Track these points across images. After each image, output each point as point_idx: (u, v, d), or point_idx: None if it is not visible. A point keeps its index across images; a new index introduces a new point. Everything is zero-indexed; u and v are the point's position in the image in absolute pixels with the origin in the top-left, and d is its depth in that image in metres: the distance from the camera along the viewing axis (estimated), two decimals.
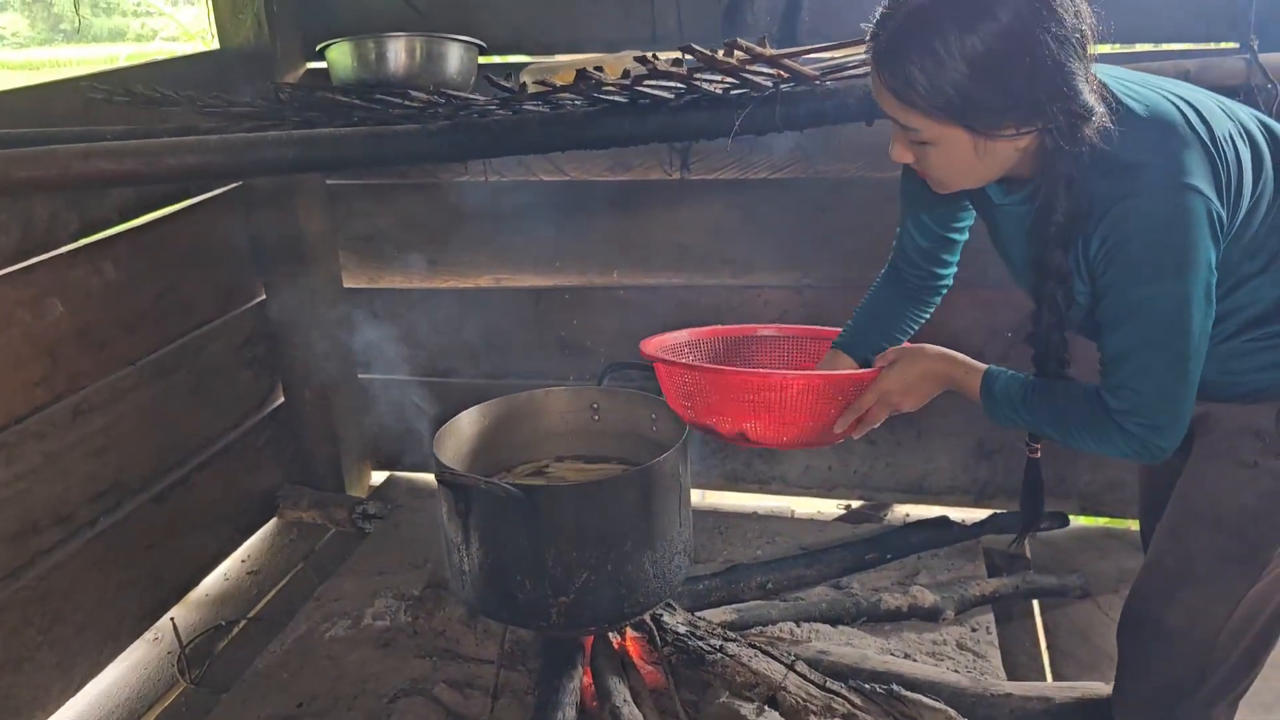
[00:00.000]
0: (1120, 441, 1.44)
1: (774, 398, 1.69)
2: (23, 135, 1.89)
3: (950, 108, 1.32)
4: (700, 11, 2.55)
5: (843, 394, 1.71)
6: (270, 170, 1.74)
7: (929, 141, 1.38)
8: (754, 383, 1.71)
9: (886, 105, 1.38)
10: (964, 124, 1.34)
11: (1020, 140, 1.37)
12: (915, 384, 1.66)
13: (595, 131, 1.81)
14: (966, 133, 1.35)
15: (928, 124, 1.35)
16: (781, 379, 1.71)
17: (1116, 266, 1.37)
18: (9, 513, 2.24)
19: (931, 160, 1.42)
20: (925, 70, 1.30)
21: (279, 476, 3.22)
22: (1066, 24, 1.29)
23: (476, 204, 3.05)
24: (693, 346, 2.05)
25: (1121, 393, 1.42)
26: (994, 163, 1.41)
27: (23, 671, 2.27)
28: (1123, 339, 1.40)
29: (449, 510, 1.96)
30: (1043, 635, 2.53)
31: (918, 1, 1.31)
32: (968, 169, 1.42)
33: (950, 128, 1.35)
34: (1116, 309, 1.39)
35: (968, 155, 1.38)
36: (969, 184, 1.48)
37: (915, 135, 1.39)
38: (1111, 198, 1.35)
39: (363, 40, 2.09)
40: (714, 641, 2.11)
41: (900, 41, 1.31)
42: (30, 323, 2.27)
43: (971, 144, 1.37)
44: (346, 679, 2.29)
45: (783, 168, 2.84)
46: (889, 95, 1.36)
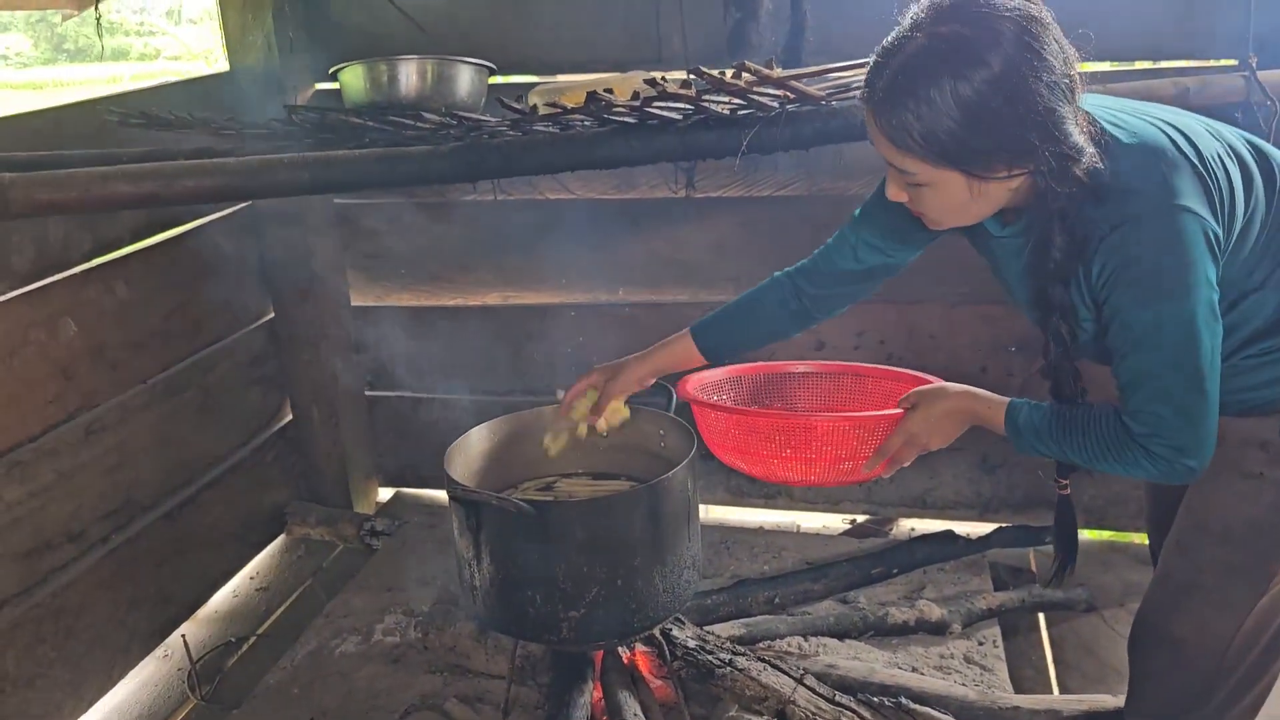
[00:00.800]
0: (1148, 464, 1.45)
1: (801, 439, 1.74)
2: (41, 158, 1.92)
3: (945, 153, 1.35)
4: (705, 32, 2.58)
5: (868, 435, 1.75)
6: (285, 191, 1.76)
7: (924, 183, 1.41)
8: (783, 425, 1.78)
9: (882, 150, 1.41)
10: (958, 168, 1.37)
11: (1013, 181, 1.40)
12: (940, 424, 1.69)
13: (604, 152, 1.83)
14: (961, 175, 1.38)
15: (923, 168, 1.38)
16: (807, 421, 1.78)
17: (1119, 292, 1.39)
18: (23, 530, 2.26)
19: (926, 201, 1.46)
20: (920, 117, 1.33)
21: (287, 493, 3.23)
22: (1056, 70, 1.32)
23: (484, 223, 3.08)
24: (731, 383, 2.11)
25: (1141, 416, 1.43)
26: (987, 202, 1.44)
27: (35, 688, 2.29)
28: (1135, 364, 1.42)
29: (460, 526, 1.97)
30: (1049, 648, 2.54)
31: (911, 50, 1.34)
32: (961, 209, 1.45)
33: (945, 171, 1.38)
34: (1124, 334, 1.41)
35: (962, 196, 1.41)
36: (963, 222, 1.51)
37: (911, 178, 1.42)
38: (1106, 224, 1.38)
39: (375, 63, 2.12)
40: (723, 656, 2.12)
41: (895, 89, 1.35)
42: (45, 342, 2.30)
43: (966, 185, 1.40)
44: (357, 695, 2.31)
45: (787, 185, 2.87)
46: (885, 141, 1.39)
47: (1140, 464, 1.46)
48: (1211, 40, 2.49)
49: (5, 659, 2.21)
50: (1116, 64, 2.62)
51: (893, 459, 1.74)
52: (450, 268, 3.17)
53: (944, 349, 2.94)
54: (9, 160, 1.90)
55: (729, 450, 1.88)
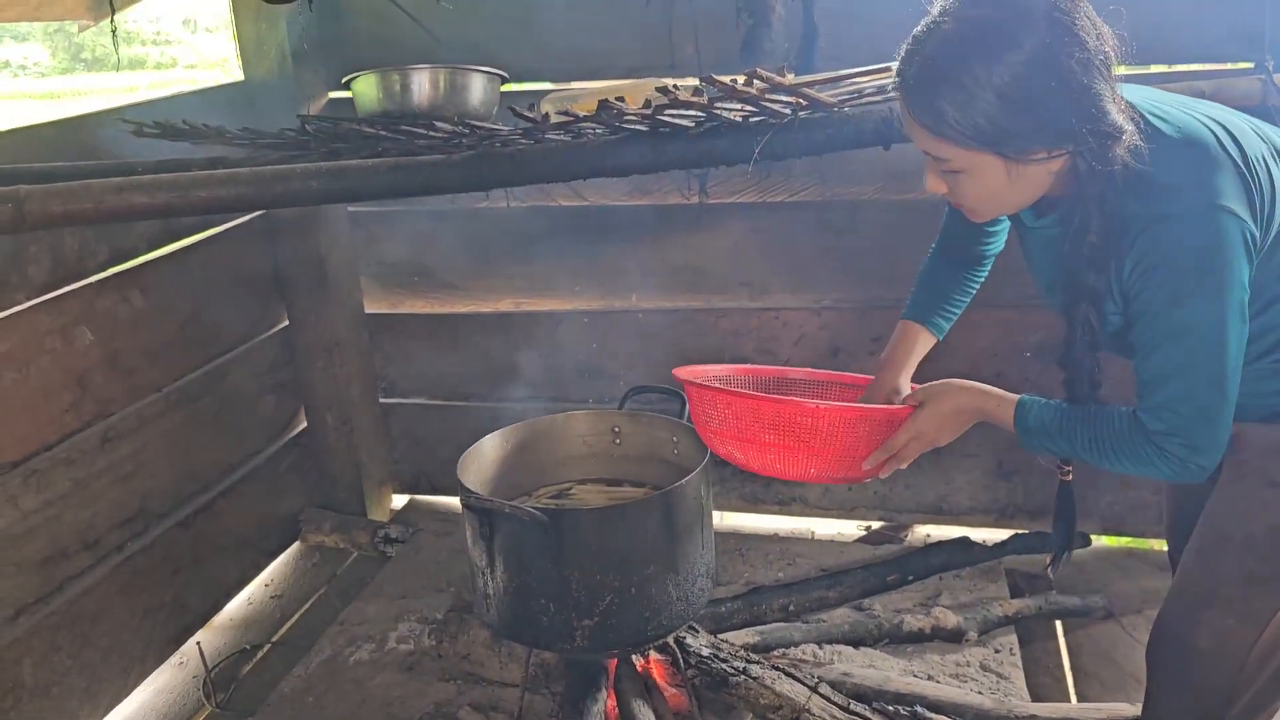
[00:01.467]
0: (1160, 463, 1.44)
1: (805, 427, 1.69)
2: (57, 169, 1.93)
3: (981, 136, 1.34)
4: (718, 39, 2.58)
5: (875, 429, 1.71)
6: (299, 201, 1.77)
7: (961, 170, 1.41)
8: (786, 411, 1.71)
9: (918, 138, 1.41)
10: (996, 151, 1.36)
11: (1052, 163, 1.39)
12: (948, 420, 1.67)
13: (617, 160, 1.83)
14: (999, 159, 1.37)
15: (960, 153, 1.38)
16: (814, 408, 1.71)
17: (1151, 289, 1.38)
18: (39, 539, 2.27)
19: (964, 189, 1.45)
20: (955, 102, 1.32)
21: (302, 501, 3.24)
22: (1089, 47, 1.31)
23: (497, 230, 3.09)
24: (725, 382, 2.06)
25: (1161, 414, 1.42)
26: (1027, 187, 1.43)
27: (51, 696, 2.30)
28: (1161, 361, 1.41)
29: (473, 534, 1.97)
30: (1066, 656, 2.52)
31: (942, 36, 1.33)
32: (1001, 195, 1.44)
33: (982, 155, 1.37)
34: (1153, 331, 1.40)
35: (1001, 181, 1.40)
36: (1003, 211, 1.51)
37: (947, 165, 1.41)
38: (1144, 220, 1.36)
39: (388, 72, 2.12)
40: (737, 664, 2.11)
41: (928, 76, 1.34)
42: (61, 351, 2.31)
43: (1004, 170, 1.38)
44: (371, 703, 2.31)
45: (800, 191, 2.87)
46: (920, 129, 1.38)
47: (1152, 462, 1.45)
48: (1227, 43, 2.47)
49: (21, 667, 2.22)
50: (1131, 68, 2.60)
51: (897, 456, 1.71)
52: (463, 275, 3.18)
53: (959, 354, 2.91)
54: (25, 171, 1.92)
55: (726, 438, 1.81)
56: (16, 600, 2.22)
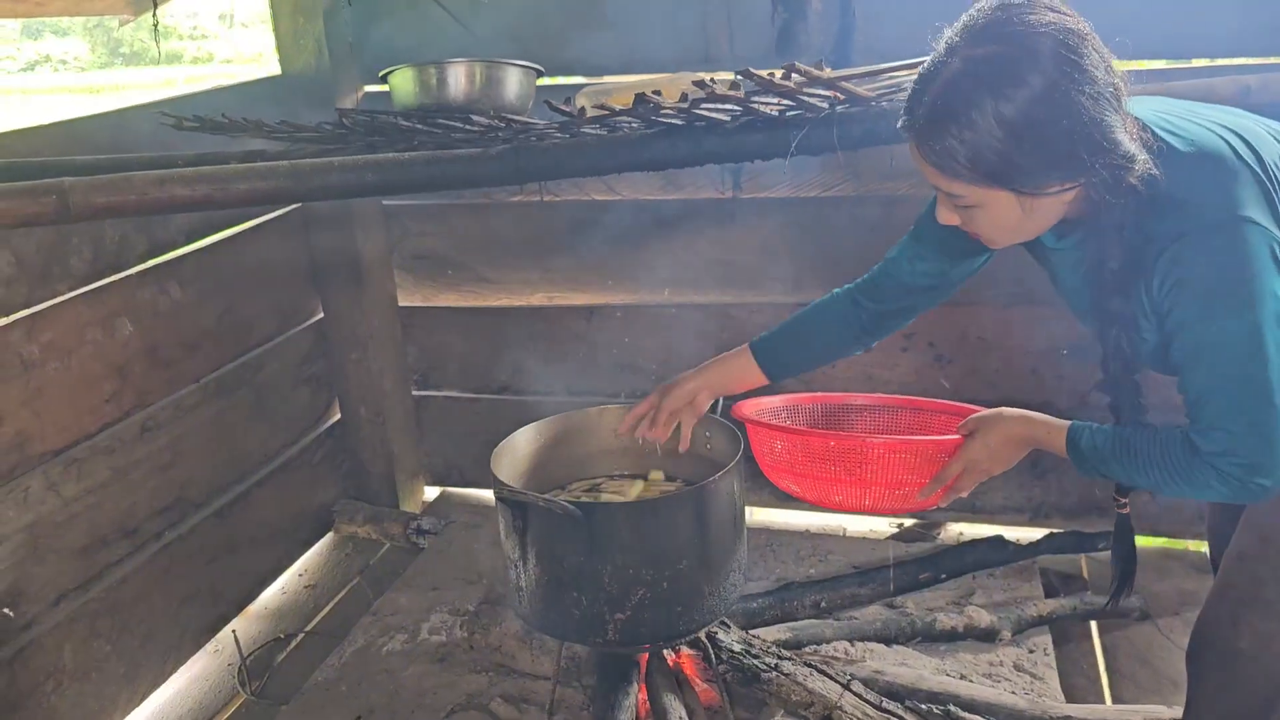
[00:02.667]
0: (1218, 484, 1.41)
1: (854, 460, 1.74)
2: (100, 162, 1.96)
3: (992, 174, 1.33)
4: (753, 33, 2.57)
5: (925, 460, 1.73)
6: (337, 194, 1.78)
7: (975, 205, 1.39)
8: (835, 444, 1.77)
9: (929, 176, 1.40)
10: (1008, 187, 1.35)
11: (1066, 195, 1.37)
12: (1000, 450, 1.67)
13: (652, 153, 1.82)
14: (1012, 195, 1.36)
15: (971, 190, 1.37)
16: (860, 441, 1.77)
17: (1182, 306, 1.36)
18: (80, 526, 2.30)
19: (979, 222, 1.43)
20: (964, 141, 1.31)
21: (335, 492, 3.27)
22: (1099, 80, 1.29)
23: (530, 223, 3.09)
24: (790, 410, 2.13)
25: (1212, 434, 1.39)
26: (1042, 218, 1.42)
27: (91, 681, 2.33)
28: (1202, 379, 1.39)
29: (506, 527, 1.98)
30: (1101, 657, 2.50)
31: (949, 75, 1.32)
32: (1016, 227, 1.43)
33: (995, 191, 1.36)
34: (1190, 349, 1.38)
35: (1014, 215, 1.39)
36: (1019, 240, 1.49)
37: (960, 200, 1.40)
38: (1167, 236, 1.35)
39: (424, 66, 2.13)
40: (769, 660, 2.11)
41: (936, 116, 1.33)
42: (101, 341, 2.34)
43: (1017, 204, 1.37)
44: (404, 693, 2.33)
45: (834, 186, 2.85)
46: (930, 168, 1.38)
47: (1211, 485, 1.42)
48: (1274, 37, 2.43)
49: (63, 652, 2.25)
50: (1173, 62, 2.57)
51: (951, 486, 1.72)
52: (496, 268, 3.19)
53: (995, 351, 2.90)
54: (69, 164, 1.95)
55: (783, 472, 1.89)
56: (58, 586, 2.25)
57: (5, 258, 2.11)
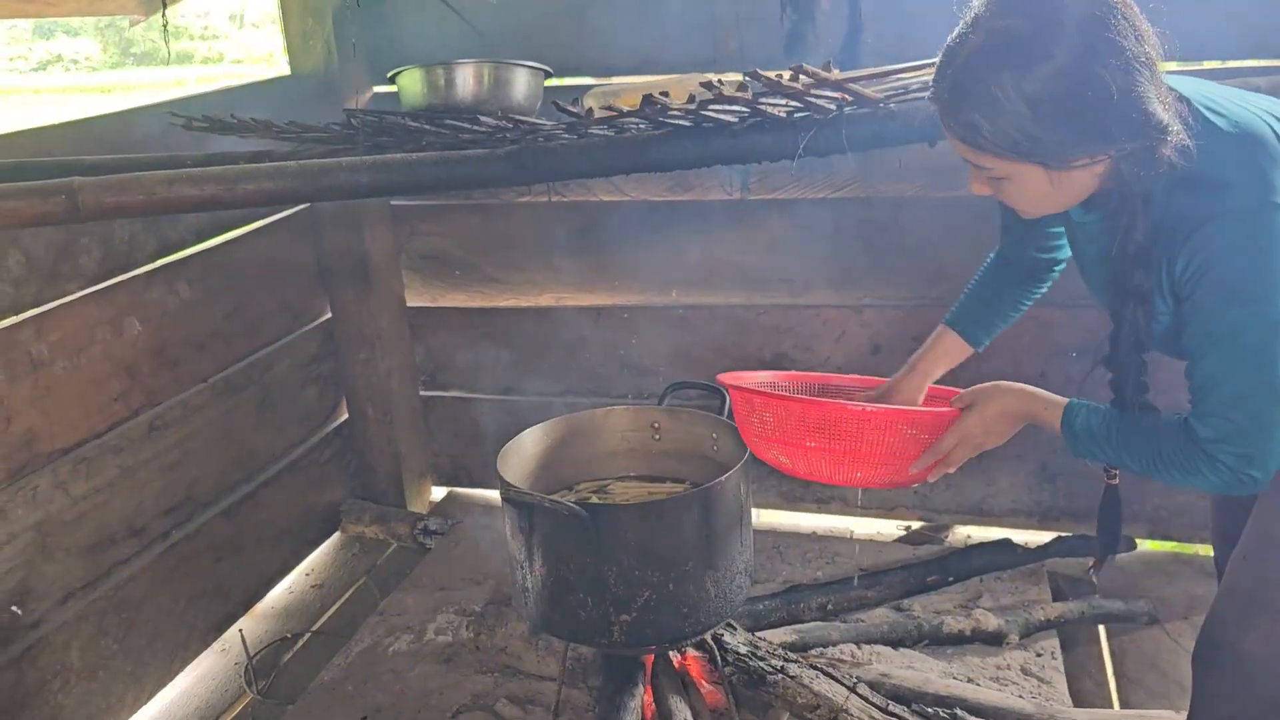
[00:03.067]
0: (1209, 472, 1.41)
1: (850, 431, 1.68)
2: (108, 161, 1.96)
3: (1018, 148, 1.33)
4: (762, 33, 2.57)
5: (921, 432, 1.70)
6: (344, 195, 1.78)
7: (1004, 178, 1.40)
8: (831, 414, 1.70)
9: (956, 148, 1.40)
10: (1034, 160, 1.35)
11: (1096, 166, 1.37)
12: (995, 423, 1.66)
13: (660, 155, 1.82)
14: (1039, 167, 1.36)
15: (998, 163, 1.37)
16: (860, 411, 1.70)
17: (1204, 289, 1.35)
18: (88, 525, 2.31)
19: (1010, 193, 1.44)
20: (988, 116, 1.31)
21: (342, 492, 3.28)
22: (1128, 51, 1.28)
23: (537, 224, 3.10)
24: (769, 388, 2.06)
25: (1213, 420, 1.39)
26: (1073, 189, 1.41)
27: (97, 680, 2.34)
28: (1212, 365, 1.38)
29: (512, 528, 1.98)
30: (1109, 661, 2.49)
31: (972, 48, 1.32)
32: (1047, 199, 1.43)
33: (1022, 164, 1.36)
34: (1205, 334, 1.38)
35: (1044, 187, 1.39)
36: (1052, 210, 1.48)
37: (989, 173, 1.40)
38: (1197, 218, 1.34)
39: (433, 67, 2.13)
40: (775, 662, 2.10)
41: (960, 90, 1.33)
42: (110, 341, 2.35)
43: (1046, 177, 1.37)
44: (410, 693, 2.33)
45: (843, 187, 2.84)
46: (956, 140, 1.38)
47: (1201, 472, 1.42)
48: None
49: (70, 650, 2.26)
50: (1185, 64, 2.56)
51: (945, 459, 1.71)
52: (504, 269, 3.19)
53: (1003, 352, 2.86)
54: (78, 164, 1.95)
55: (771, 443, 1.82)
56: (66, 585, 2.26)
57: (15, 257, 2.12)
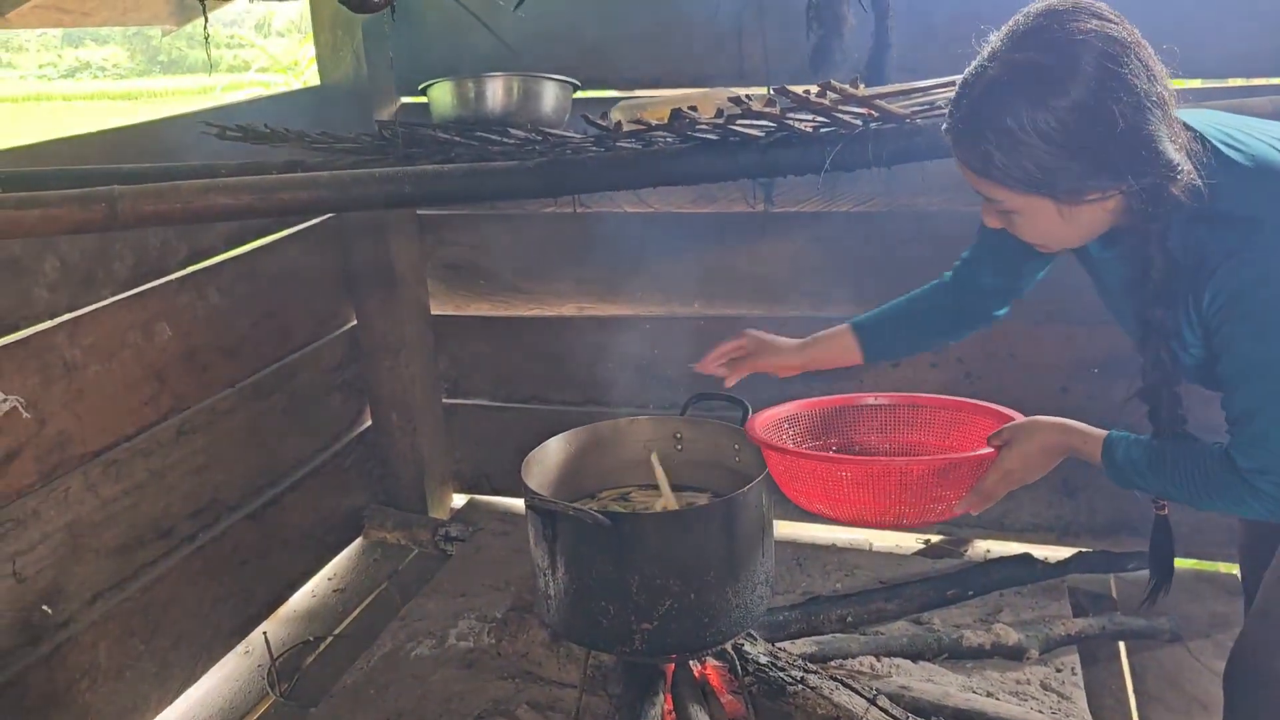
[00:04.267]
0: (1253, 501, 1.41)
1: (894, 483, 1.73)
2: (145, 169, 2.00)
3: (1029, 181, 1.34)
4: (787, 48, 2.58)
5: (963, 475, 1.73)
6: (376, 204, 1.81)
7: (1015, 211, 1.41)
8: (875, 471, 1.75)
9: (969, 179, 1.42)
10: (1045, 194, 1.36)
11: (1108, 203, 1.38)
12: (1035, 459, 1.67)
13: (687, 168, 1.85)
14: (1049, 201, 1.37)
15: (1010, 196, 1.38)
16: (904, 466, 1.75)
17: (1233, 323, 1.36)
18: (118, 526, 2.34)
19: (1021, 227, 1.45)
20: (1001, 148, 1.32)
21: (365, 497, 3.30)
22: (1139, 90, 1.29)
23: (562, 235, 3.12)
24: (791, 421, 2.10)
25: (1252, 451, 1.39)
26: (1084, 225, 1.42)
27: (124, 679, 2.37)
28: (1249, 396, 1.39)
29: (536, 535, 2.00)
30: (1129, 679, 2.48)
31: (988, 80, 1.33)
32: (1058, 234, 1.44)
33: (1032, 198, 1.37)
34: (1239, 366, 1.38)
35: (1055, 221, 1.40)
36: (1065, 245, 1.50)
37: (1000, 205, 1.41)
38: (1222, 253, 1.35)
39: (462, 80, 2.16)
40: (795, 673, 2.11)
41: (974, 121, 1.34)
42: (141, 346, 2.39)
43: (1056, 211, 1.38)
44: (431, 698, 2.34)
45: (866, 201, 2.86)
46: (969, 171, 1.39)
47: (1245, 502, 1.42)
48: None
49: (98, 650, 2.29)
50: (1208, 81, 2.56)
51: (986, 495, 1.73)
52: (528, 278, 3.22)
53: (1024, 369, 2.89)
54: (116, 172, 1.99)
55: (814, 498, 1.86)
56: (95, 585, 2.29)
57: (50, 262, 2.16)
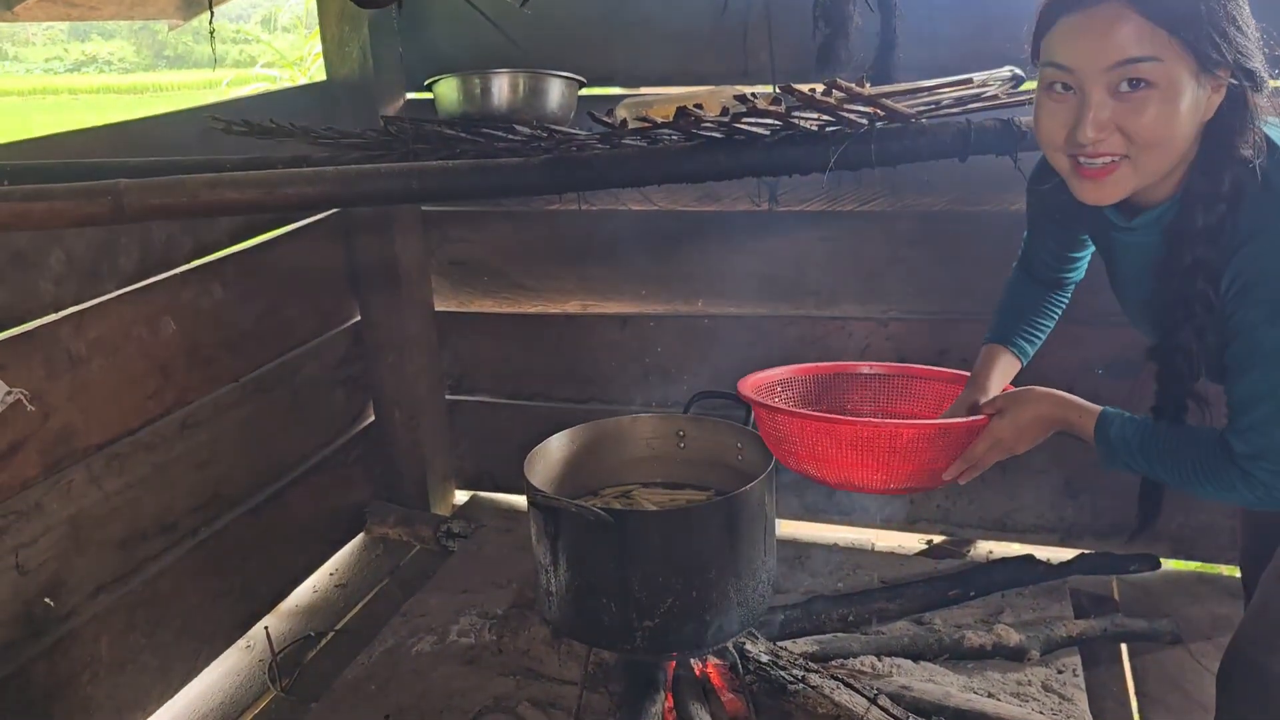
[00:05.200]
0: (1243, 488, 1.42)
1: (884, 447, 1.72)
2: (152, 163, 2.00)
3: (1195, 28, 1.29)
4: (793, 47, 2.57)
5: (954, 442, 1.74)
6: (381, 200, 1.81)
7: (1152, 81, 1.31)
8: (865, 433, 1.74)
9: (1124, 36, 1.31)
10: (1199, 48, 1.30)
11: (1211, 103, 1.35)
12: (1027, 429, 1.67)
13: (692, 166, 1.84)
14: (1195, 64, 1.31)
15: (1169, 48, 1.30)
16: (893, 429, 1.75)
17: (1246, 307, 1.35)
18: (121, 520, 2.35)
19: (1142, 112, 1.33)
20: None
21: (367, 493, 3.31)
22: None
23: (566, 232, 3.12)
24: (785, 385, 2.13)
25: (1250, 436, 1.39)
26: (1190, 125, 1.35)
27: (126, 673, 2.37)
28: (1255, 383, 1.38)
29: (538, 532, 2.00)
30: (1131, 680, 2.48)
31: None
32: (1172, 128, 1.34)
33: (1184, 55, 1.30)
34: (1248, 351, 1.38)
35: (1183, 104, 1.32)
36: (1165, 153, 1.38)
37: (1142, 70, 1.31)
38: (1245, 234, 1.34)
39: (469, 76, 2.16)
40: (796, 672, 2.11)
41: None
42: (146, 339, 2.39)
43: (1193, 87, 1.32)
44: (433, 694, 2.35)
45: (870, 200, 2.86)
46: (1135, 16, 1.30)
47: (1235, 487, 1.42)
48: None
49: (100, 643, 2.29)
50: None
51: (976, 464, 1.73)
52: (532, 276, 3.22)
53: (1028, 369, 2.86)
54: (122, 165, 1.99)
55: (802, 459, 1.86)
56: (97, 578, 2.30)
57: (57, 255, 2.16)
